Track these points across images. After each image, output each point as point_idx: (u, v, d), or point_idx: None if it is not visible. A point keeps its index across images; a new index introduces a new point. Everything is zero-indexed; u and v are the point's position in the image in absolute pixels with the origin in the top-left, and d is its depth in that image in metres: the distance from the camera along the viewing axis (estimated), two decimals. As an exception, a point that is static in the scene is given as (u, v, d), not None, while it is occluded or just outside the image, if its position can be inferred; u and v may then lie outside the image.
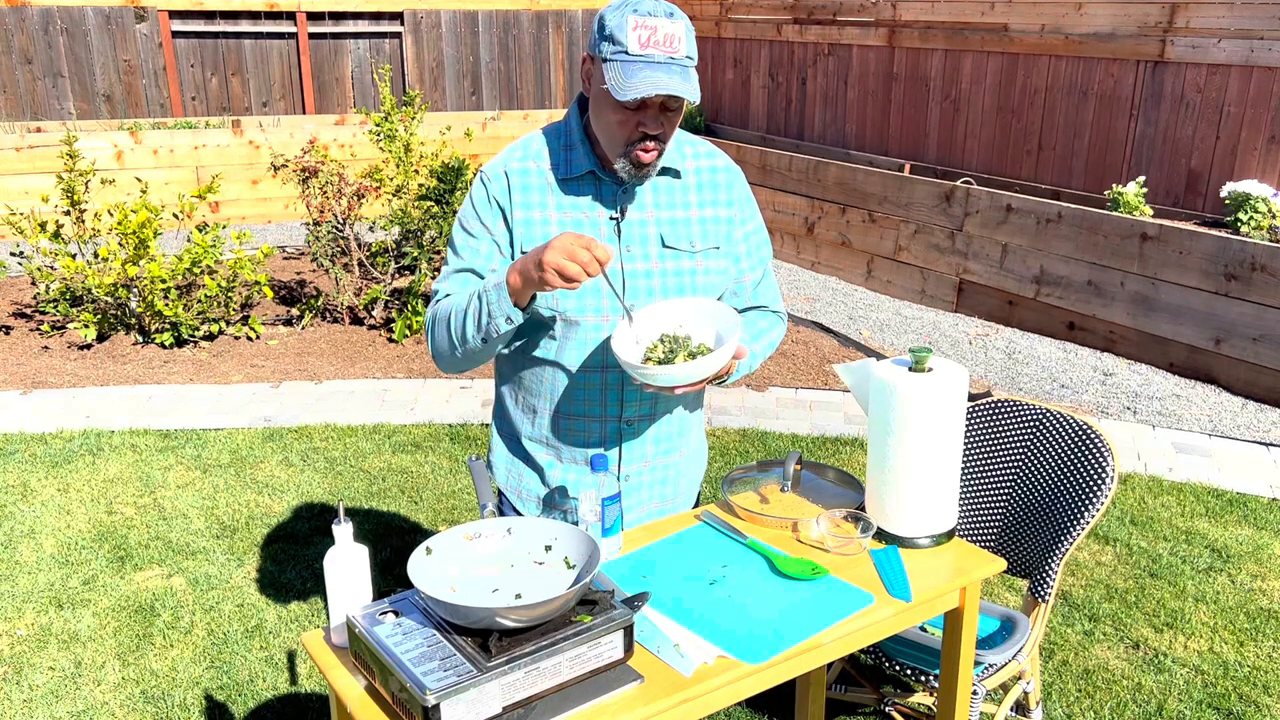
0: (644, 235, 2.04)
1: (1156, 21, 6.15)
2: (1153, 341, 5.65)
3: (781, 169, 7.94)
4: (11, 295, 6.87)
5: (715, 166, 2.12)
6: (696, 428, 2.27)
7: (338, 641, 1.83)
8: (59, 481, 4.33)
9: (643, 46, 1.83)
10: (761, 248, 2.20)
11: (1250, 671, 3.13)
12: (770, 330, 2.20)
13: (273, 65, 9.66)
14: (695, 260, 2.07)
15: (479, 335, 1.93)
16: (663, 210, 2.06)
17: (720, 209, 2.10)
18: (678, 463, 2.23)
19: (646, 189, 2.05)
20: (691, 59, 1.89)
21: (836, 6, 8.27)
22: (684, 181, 2.08)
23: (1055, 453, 2.58)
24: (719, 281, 2.11)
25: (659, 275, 2.05)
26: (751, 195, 2.18)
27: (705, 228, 2.08)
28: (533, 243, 2.00)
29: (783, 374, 5.58)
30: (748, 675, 1.79)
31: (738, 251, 2.14)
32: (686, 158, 2.10)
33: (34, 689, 3.07)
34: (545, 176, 2.03)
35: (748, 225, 2.16)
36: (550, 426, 2.14)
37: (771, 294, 2.23)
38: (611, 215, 2.03)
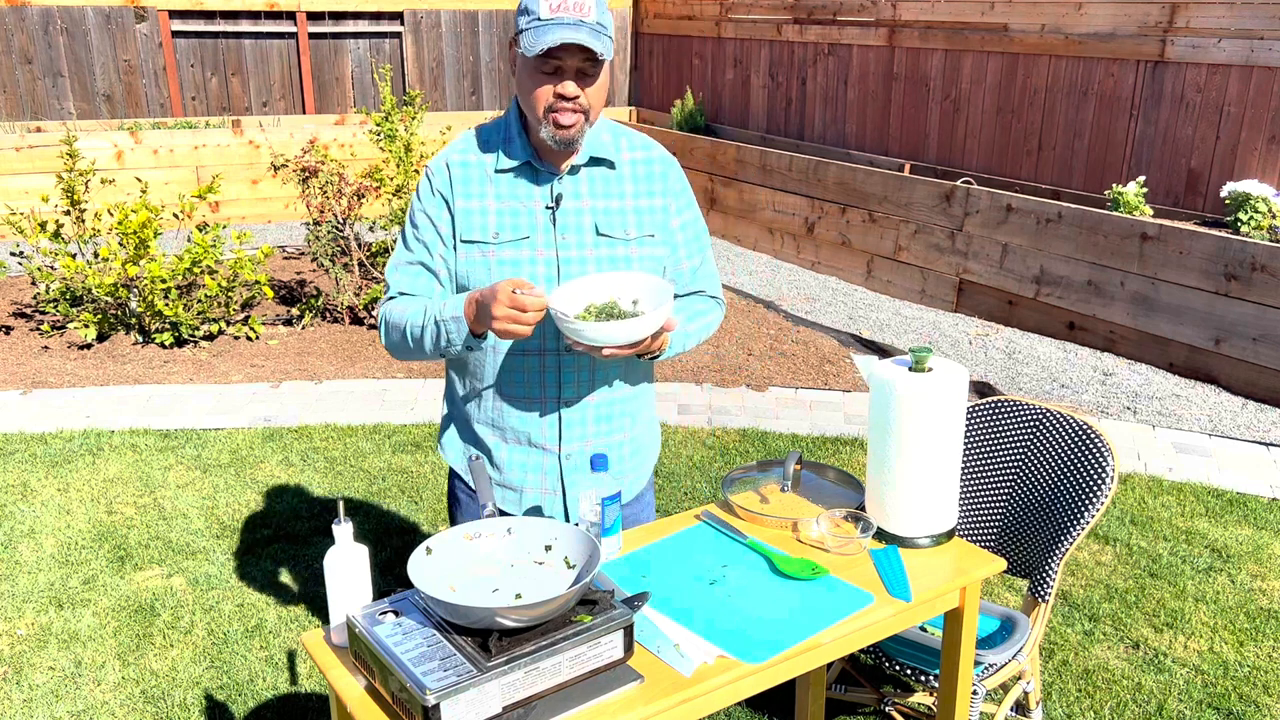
0: (579, 224, 2.11)
1: (1156, 21, 6.15)
2: (1153, 341, 5.65)
3: (781, 169, 7.94)
4: (11, 295, 6.87)
5: (650, 158, 2.19)
6: (644, 412, 2.30)
7: (338, 641, 1.83)
8: (59, 481, 4.33)
9: (552, 11, 1.93)
10: (699, 236, 2.27)
11: (1250, 671, 3.13)
12: (707, 313, 2.25)
13: (273, 65, 9.66)
14: (630, 248, 2.13)
15: (436, 351, 2.07)
16: (598, 200, 2.13)
17: (656, 198, 2.17)
18: (621, 443, 2.25)
19: (582, 179, 2.12)
20: (603, 26, 1.97)
21: (836, 6, 8.27)
22: (619, 172, 2.15)
23: (1055, 453, 2.58)
24: (654, 268, 2.18)
25: (594, 263, 2.11)
26: (688, 185, 2.25)
27: (640, 217, 2.15)
28: (471, 232, 2.10)
29: (783, 374, 5.59)
30: (748, 675, 1.79)
31: (675, 240, 2.21)
32: (623, 149, 2.17)
33: (34, 689, 3.07)
34: (485, 168, 2.12)
35: (684, 214, 2.23)
36: (494, 408, 2.20)
37: (710, 280, 2.29)
38: (547, 205, 2.10)
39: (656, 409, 2.41)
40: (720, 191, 8.64)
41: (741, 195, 8.40)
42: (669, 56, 10.37)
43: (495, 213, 2.10)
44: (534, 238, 2.10)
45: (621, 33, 10.79)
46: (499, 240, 2.10)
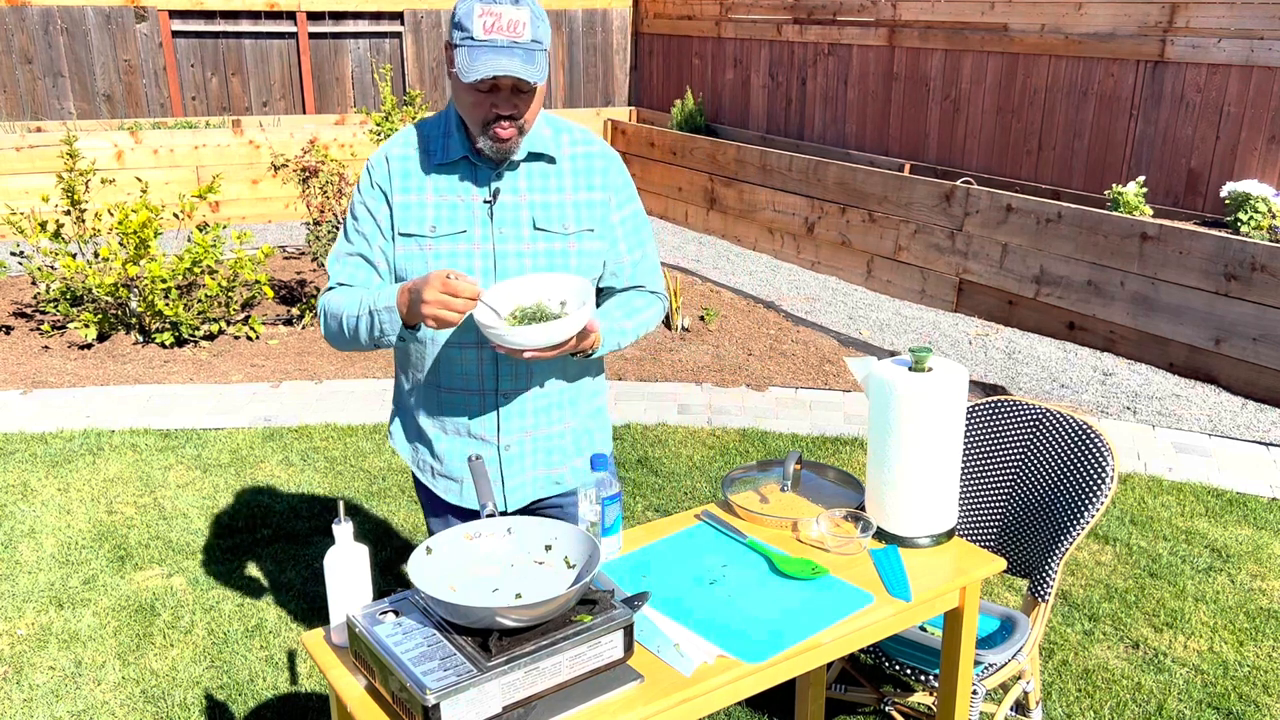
0: (516, 218, 2.12)
1: (1156, 21, 6.15)
2: (1153, 341, 5.65)
3: (781, 169, 7.94)
4: (11, 295, 6.87)
5: (591, 153, 2.20)
6: (587, 403, 2.30)
7: (338, 641, 1.83)
8: (59, 481, 4.33)
9: (486, 32, 1.93)
10: (640, 230, 2.27)
11: (1250, 671, 3.13)
12: (646, 309, 2.25)
13: (273, 65, 9.66)
14: (568, 242, 2.14)
15: (371, 342, 2.09)
16: (536, 194, 2.14)
17: (595, 193, 2.18)
18: (562, 434, 2.26)
19: (520, 174, 2.13)
20: (539, 43, 1.97)
21: (836, 6, 8.27)
22: (559, 167, 2.16)
23: (1055, 453, 2.58)
24: (593, 263, 2.19)
25: (530, 256, 2.12)
26: (630, 180, 2.26)
27: (579, 211, 2.16)
28: (409, 225, 2.11)
29: (783, 374, 5.59)
30: (748, 675, 1.79)
31: (615, 235, 2.21)
32: (564, 144, 2.18)
33: (34, 689, 3.07)
34: (424, 162, 2.14)
35: (625, 209, 2.23)
36: (435, 400, 2.22)
37: (651, 275, 2.29)
38: (485, 199, 2.11)
39: (608, 399, 2.42)
40: (720, 191, 8.64)
41: (741, 195, 8.40)
42: (669, 56, 10.37)
43: (433, 206, 2.12)
44: (471, 231, 2.11)
45: (621, 33, 10.79)
46: (436, 234, 2.12)
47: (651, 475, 4.38)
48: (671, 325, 6.26)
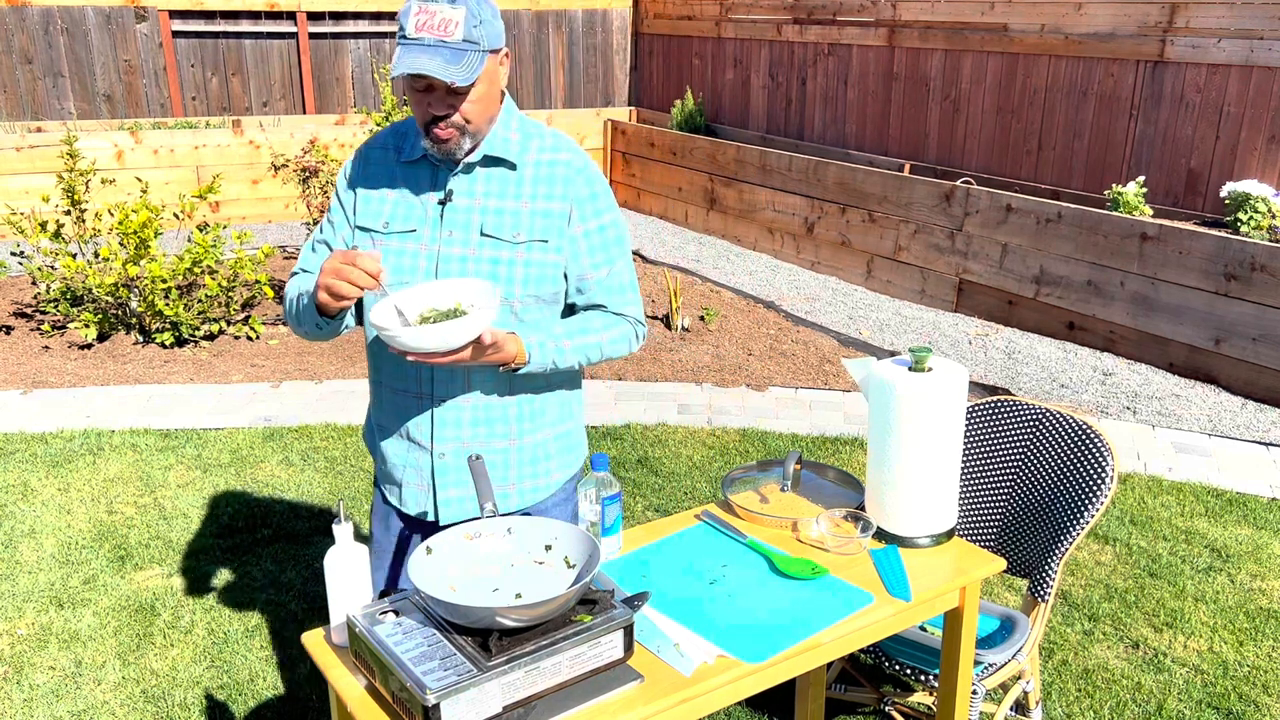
0: (467, 221, 2.08)
1: (1156, 21, 6.15)
2: (1153, 341, 5.65)
3: (781, 169, 7.94)
4: (12, 295, 6.87)
5: (556, 160, 2.12)
6: (541, 422, 2.20)
7: (338, 641, 1.83)
8: (59, 481, 4.33)
9: (417, 30, 1.92)
10: (609, 246, 2.16)
11: (1250, 671, 3.13)
12: (602, 330, 2.14)
13: (273, 65, 9.66)
14: (515, 251, 2.07)
15: (315, 327, 2.09)
16: (491, 199, 2.09)
17: (554, 203, 2.10)
18: (506, 450, 2.17)
19: (478, 177, 2.09)
20: (472, 43, 1.93)
21: (836, 6, 8.27)
22: (520, 174, 2.10)
23: (1055, 453, 2.58)
24: (546, 274, 2.10)
25: (474, 262, 2.07)
26: (603, 193, 2.16)
27: (534, 220, 2.09)
28: (366, 218, 2.13)
29: (783, 374, 5.59)
30: (748, 675, 1.79)
31: (577, 248, 2.12)
32: (530, 150, 2.12)
33: (34, 689, 3.07)
34: (394, 159, 2.14)
35: (590, 222, 2.13)
36: (383, 399, 2.21)
37: (617, 295, 2.17)
38: (439, 200, 2.09)
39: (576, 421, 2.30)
40: (720, 191, 8.64)
41: (741, 195, 8.40)
42: (669, 56, 10.37)
43: (392, 202, 2.12)
44: (421, 231, 2.09)
45: (621, 33, 10.79)
46: (388, 230, 2.10)
47: (651, 475, 4.38)
48: (671, 325, 6.26)
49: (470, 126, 2.01)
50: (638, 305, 2.22)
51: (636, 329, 2.23)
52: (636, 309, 2.22)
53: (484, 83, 1.99)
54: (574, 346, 2.11)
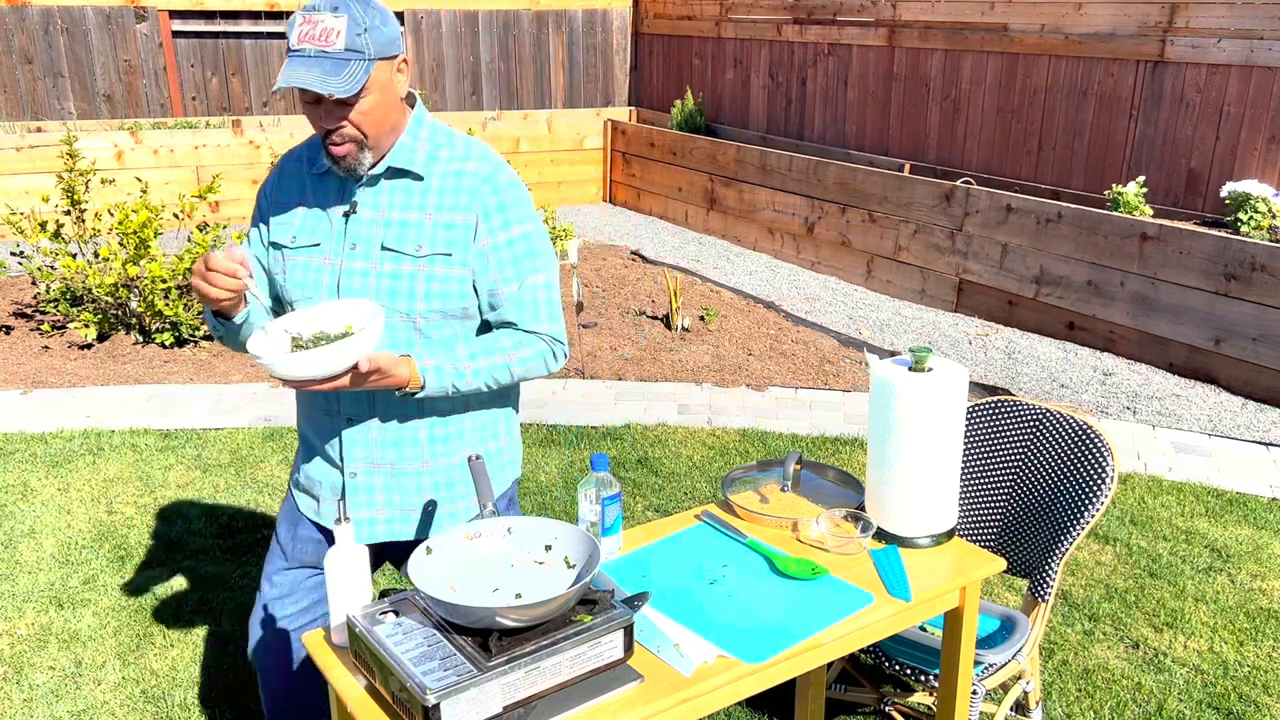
0: (370, 234, 2.03)
1: (1156, 21, 6.15)
2: (1153, 341, 5.65)
3: (781, 169, 7.94)
4: (12, 295, 6.87)
5: (463, 170, 2.04)
6: (445, 443, 2.13)
7: (338, 641, 1.83)
8: (59, 481, 4.33)
9: (300, 41, 1.87)
10: (521, 260, 2.05)
11: (1250, 671, 3.13)
12: (512, 350, 2.05)
13: (273, 65, 9.66)
14: (417, 265, 2.01)
15: (227, 334, 2.06)
16: (394, 211, 2.03)
17: (458, 214, 2.02)
18: (419, 473, 2.12)
19: (383, 190, 2.04)
20: (356, 52, 1.87)
21: (836, 6, 8.27)
22: (426, 184, 2.04)
23: (1055, 453, 2.58)
24: (450, 289, 2.03)
25: (375, 276, 2.02)
26: (518, 202, 2.06)
27: (438, 233, 2.01)
28: (277, 233, 2.10)
29: (783, 374, 5.59)
30: (748, 675, 1.79)
31: (486, 262, 2.03)
32: (439, 160, 2.05)
33: (34, 689, 3.07)
34: (308, 171, 2.11)
35: (499, 235, 2.04)
36: (304, 413, 2.18)
37: (530, 311, 2.07)
38: (344, 213, 2.05)
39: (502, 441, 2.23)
40: (720, 191, 8.64)
41: (741, 195, 8.40)
42: (669, 56, 10.37)
43: (301, 216, 2.08)
44: (325, 245, 2.04)
45: (621, 33, 10.79)
46: (295, 244, 2.06)
47: (651, 475, 4.38)
48: (671, 325, 6.26)
49: (367, 140, 1.95)
50: (556, 322, 2.11)
51: (554, 348, 2.11)
52: (554, 326, 2.11)
53: (375, 92, 1.92)
54: (478, 369, 2.02)
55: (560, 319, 2.12)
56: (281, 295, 2.12)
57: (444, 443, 2.13)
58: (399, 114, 2.01)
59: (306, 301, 2.06)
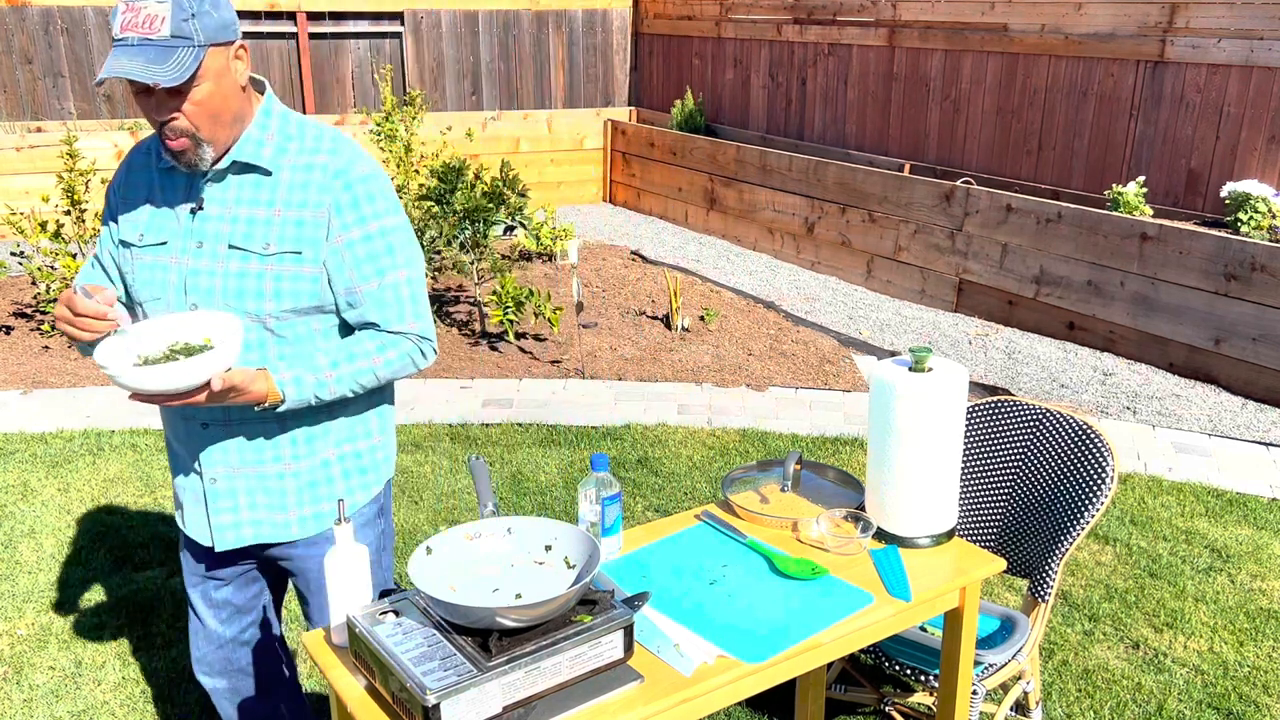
0: (217, 232, 1.94)
1: (1156, 21, 6.15)
2: (1153, 341, 5.65)
3: (781, 169, 7.94)
4: (11, 295, 6.87)
5: (313, 164, 1.94)
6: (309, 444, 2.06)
7: (338, 641, 1.83)
8: (59, 481, 4.33)
9: (123, 30, 1.78)
10: (382, 256, 1.97)
11: (1250, 671, 3.13)
12: (376, 353, 1.98)
13: (273, 65, 9.66)
14: (266, 264, 1.92)
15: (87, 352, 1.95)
16: (242, 208, 1.94)
17: (307, 211, 1.93)
18: (281, 475, 2.06)
19: (230, 185, 1.94)
20: (184, 38, 1.77)
21: (836, 6, 8.27)
22: (275, 179, 1.94)
23: (1055, 453, 2.58)
24: (301, 289, 1.94)
25: (222, 276, 1.93)
26: (374, 196, 1.97)
27: (286, 230, 1.93)
28: (125, 231, 2.00)
29: (783, 374, 5.59)
30: (748, 675, 1.79)
31: (340, 260, 1.94)
32: (289, 153, 1.95)
33: (34, 689, 3.07)
34: (153, 165, 2.02)
35: (354, 231, 1.94)
36: (169, 420, 2.10)
37: (392, 310, 1.99)
38: (191, 208, 1.96)
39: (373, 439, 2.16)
40: (720, 191, 8.64)
41: (741, 195, 8.40)
42: (669, 56, 10.37)
43: (149, 213, 1.99)
44: (172, 244, 1.95)
45: (621, 33, 10.79)
46: (142, 243, 1.98)
47: (651, 475, 4.38)
48: (671, 325, 6.26)
49: (202, 132, 1.85)
50: (422, 320, 2.03)
51: (420, 345, 2.03)
52: (421, 324, 2.02)
53: (209, 81, 1.82)
54: (340, 376, 1.95)
55: (427, 315, 2.04)
56: (131, 296, 2.03)
57: (307, 444, 2.06)
58: (240, 104, 1.90)
59: (154, 303, 1.98)
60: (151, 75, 1.75)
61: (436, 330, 6.15)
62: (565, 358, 5.79)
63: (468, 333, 6.19)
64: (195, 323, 1.86)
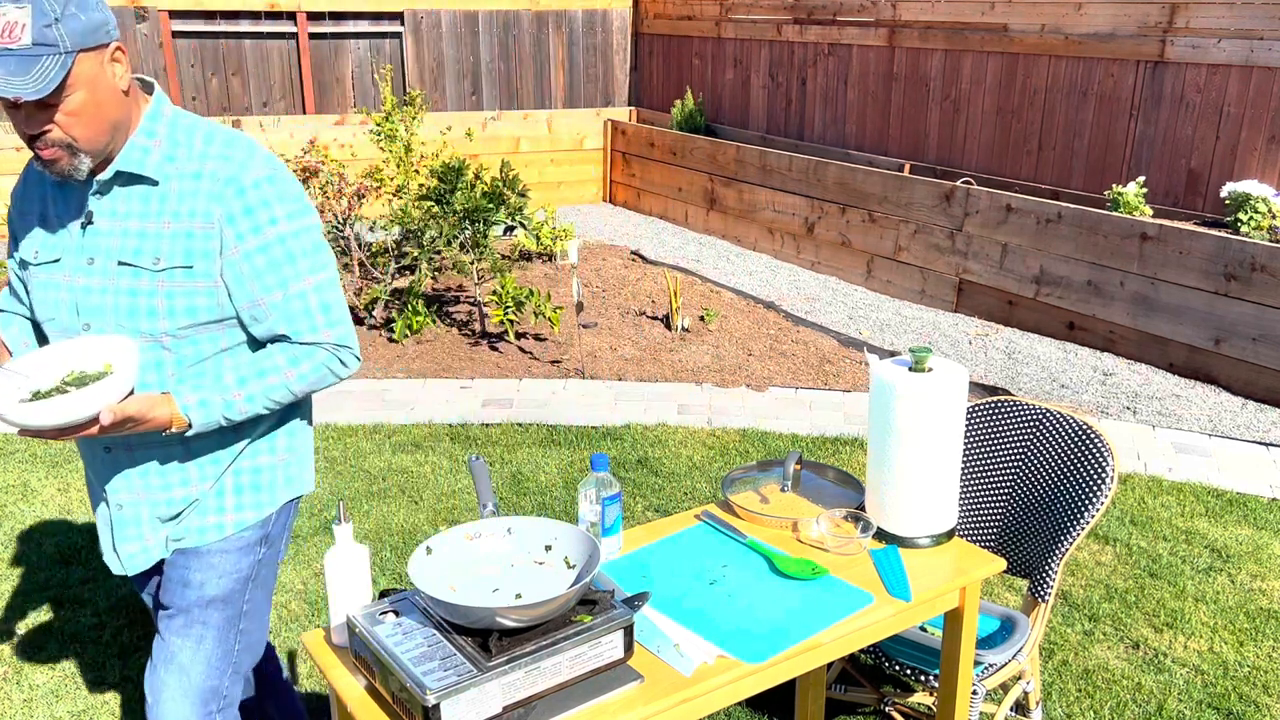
0: (108, 247, 1.82)
1: (1156, 21, 6.15)
2: (1153, 341, 5.65)
3: (781, 169, 7.94)
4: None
5: (201, 172, 1.82)
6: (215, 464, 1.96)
7: (338, 641, 1.83)
8: (59, 481, 4.33)
9: None
10: (281, 266, 1.85)
11: (1250, 671, 3.13)
12: (287, 367, 1.87)
13: (273, 65, 9.66)
14: (156, 280, 1.81)
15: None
16: (132, 220, 1.82)
17: (196, 221, 1.81)
18: (185, 499, 1.96)
19: (119, 197, 1.83)
20: (47, 45, 1.65)
21: (836, 6, 8.27)
22: (163, 189, 1.82)
23: (1055, 453, 2.58)
24: (196, 305, 1.83)
25: (114, 294, 1.82)
26: (269, 202, 1.84)
27: (177, 243, 1.81)
28: (23, 249, 1.91)
29: (783, 374, 5.59)
30: (748, 675, 1.79)
31: (238, 272, 1.83)
32: (177, 161, 1.83)
33: (34, 689, 3.07)
34: (48, 178, 1.92)
35: (247, 241, 1.82)
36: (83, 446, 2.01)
37: (305, 322, 1.87)
38: (83, 222, 1.85)
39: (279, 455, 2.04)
40: (720, 192, 8.64)
41: (741, 195, 8.40)
42: (669, 56, 10.37)
43: (44, 229, 1.88)
44: (64, 261, 1.85)
45: (621, 33, 10.79)
46: (38, 260, 1.87)
47: (651, 475, 4.38)
48: (671, 325, 6.26)
49: (79, 142, 1.73)
50: (337, 327, 1.91)
51: (338, 354, 1.92)
52: (336, 331, 1.90)
53: (81, 89, 1.70)
54: (251, 394, 1.84)
55: (344, 321, 1.92)
56: (35, 317, 1.93)
57: (213, 464, 1.96)
58: (120, 111, 1.78)
59: (50, 324, 1.88)
60: (12, 89, 1.63)
61: (436, 330, 6.15)
62: (565, 358, 5.79)
63: (468, 333, 6.19)
64: (91, 348, 1.76)
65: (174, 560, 2.00)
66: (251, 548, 2.04)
